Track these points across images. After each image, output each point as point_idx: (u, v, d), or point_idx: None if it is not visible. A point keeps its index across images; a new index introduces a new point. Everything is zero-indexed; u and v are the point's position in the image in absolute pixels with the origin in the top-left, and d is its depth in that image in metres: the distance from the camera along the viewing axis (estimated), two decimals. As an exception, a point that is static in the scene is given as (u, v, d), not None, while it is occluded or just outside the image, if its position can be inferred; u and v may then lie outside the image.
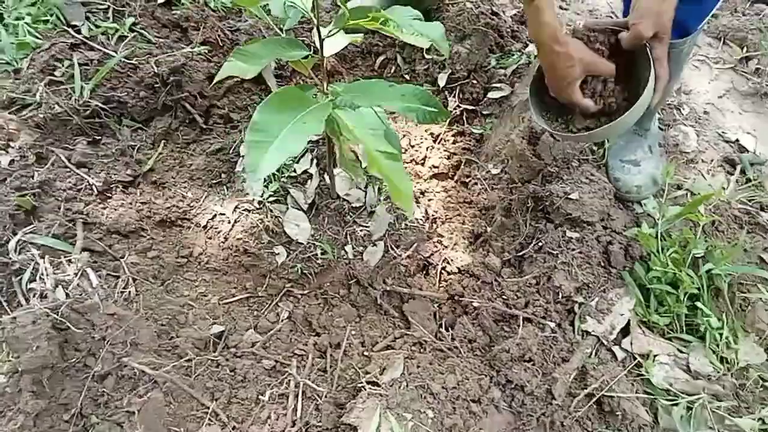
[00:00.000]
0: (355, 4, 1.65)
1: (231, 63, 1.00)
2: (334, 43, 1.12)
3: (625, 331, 1.18)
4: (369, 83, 1.03)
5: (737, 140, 1.55)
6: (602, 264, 1.25)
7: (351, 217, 1.36)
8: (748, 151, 1.51)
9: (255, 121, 0.82)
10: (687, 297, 1.20)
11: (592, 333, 1.17)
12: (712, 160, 1.49)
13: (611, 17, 1.88)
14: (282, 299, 1.27)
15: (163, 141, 1.47)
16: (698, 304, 1.18)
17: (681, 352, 1.16)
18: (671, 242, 1.26)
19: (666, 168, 1.34)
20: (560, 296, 1.20)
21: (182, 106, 1.49)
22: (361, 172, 1.25)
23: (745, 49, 1.79)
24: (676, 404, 1.08)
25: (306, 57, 1.04)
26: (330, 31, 1.02)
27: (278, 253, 1.29)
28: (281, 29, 1.58)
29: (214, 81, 1.05)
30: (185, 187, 1.40)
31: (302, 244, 1.31)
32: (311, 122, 0.85)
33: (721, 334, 1.16)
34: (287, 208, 1.35)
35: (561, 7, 1.89)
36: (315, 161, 1.41)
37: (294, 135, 0.82)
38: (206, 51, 1.55)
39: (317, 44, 1.03)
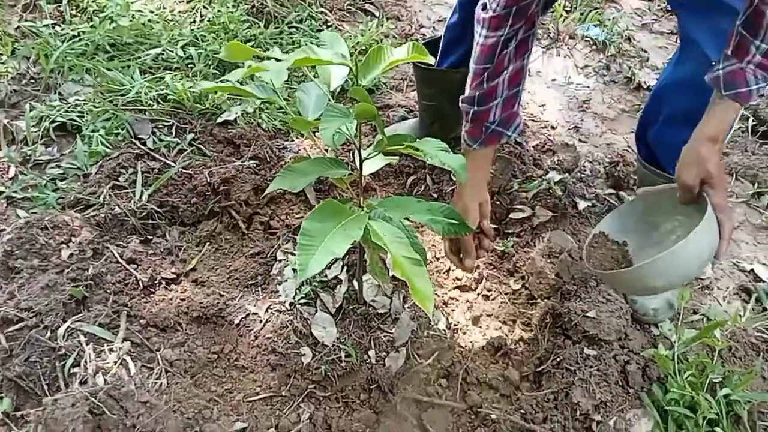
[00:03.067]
0: (390, 131, 1.84)
1: (281, 178, 1.14)
2: (372, 163, 1.26)
3: (644, 453, 1.17)
4: (400, 199, 1.16)
5: (752, 270, 1.60)
6: (620, 383, 1.26)
7: (376, 322, 1.42)
8: (763, 281, 1.56)
9: (305, 227, 0.95)
10: (706, 422, 1.20)
11: (611, 453, 1.16)
12: (727, 288, 1.54)
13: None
14: (304, 400, 1.31)
15: (207, 243, 1.60)
16: (717, 429, 1.18)
17: (702, 479, 1.14)
18: (688, 365, 1.28)
19: (681, 292, 1.39)
20: (578, 413, 1.21)
21: (228, 212, 1.63)
22: (388, 278, 1.34)
23: (756, 185, 1.89)
24: None
25: (348, 175, 1.18)
26: (369, 153, 1.16)
27: (304, 354, 1.35)
28: (326, 150, 1.75)
29: (266, 192, 1.18)
30: (223, 287, 1.50)
31: (327, 346, 1.36)
32: (351, 229, 0.96)
33: (743, 463, 1.15)
34: (316, 311, 1.43)
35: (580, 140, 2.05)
36: (345, 268, 1.51)
37: (337, 240, 0.94)
38: (254, 165, 1.72)
39: (357, 164, 1.17)
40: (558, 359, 1.31)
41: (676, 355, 1.30)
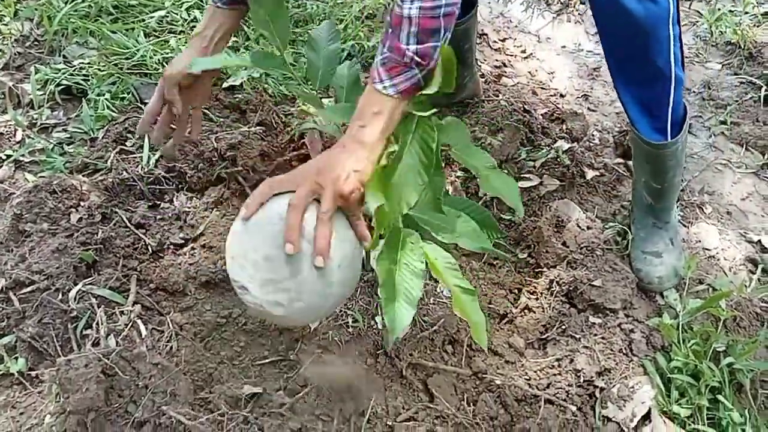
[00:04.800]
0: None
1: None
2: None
3: (646, 419, 1.19)
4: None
5: (759, 241, 1.60)
6: (624, 351, 1.28)
7: (383, 289, 1.43)
8: (769, 252, 1.56)
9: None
10: (708, 390, 1.21)
11: (613, 419, 1.18)
12: (734, 258, 1.54)
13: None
14: (312, 363, 1.33)
15: (214, 209, 1.60)
16: (720, 397, 1.20)
17: (703, 445, 1.16)
18: (692, 334, 1.29)
19: (688, 262, 1.40)
20: (582, 380, 1.23)
21: (235, 178, 1.63)
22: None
23: (766, 156, 1.87)
24: (697, 498, 1.08)
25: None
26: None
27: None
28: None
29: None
30: (231, 252, 1.51)
31: (335, 312, 1.38)
32: (412, 263, 0.94)
33: (743, 430, 1.17)
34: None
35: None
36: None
37: (411, 284, 0.93)
38: (261, 131, 1.71)
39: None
40: (563, 327, 1.33)
41: (680, 324, 1.31)
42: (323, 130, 1.64)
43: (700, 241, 1.55)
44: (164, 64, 1.84)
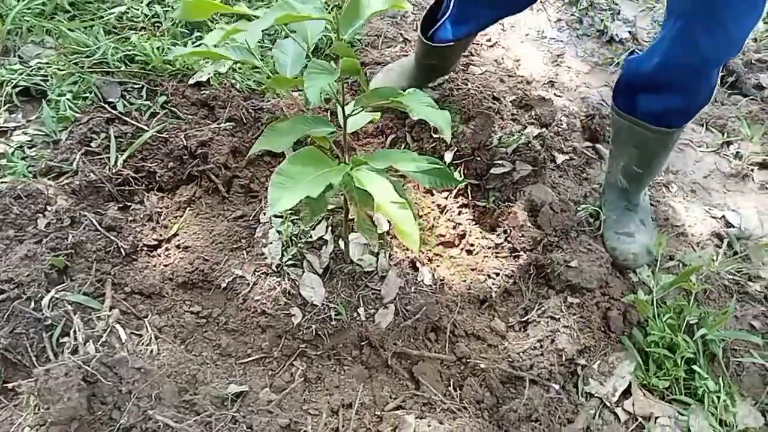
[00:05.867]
0: (373, 85, 1.81)
1: (265, 138, 1.12)
2: (356, 120, 1.24)
3: (627, 393, 1.23)
4: (384, 151, 1.15)
5: (723, 216, 1.66)
6: (602, 329, 1.32)
7: (363, 281, 1.44)
8: (734, 227, 1.62)
9: (282, 168, 0.96)
10: (684, 361, 1.26)
11: (595, 395, 1.22)
12: (701, 234, 1.59)
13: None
14: (296, 359, 1.32)
15: (187, 208, 1.57)
16: (695, 367, 1.25)
17: (681, 414, 1.20)
18: (666, 309, 1.33)
19: (658, 238, 1.44)
20: (563, 359, 1.26)
21: (207, 176, 1.60)
22: (376, 235, 1.34)
23: (725, 135, 1.94)
24: (679, 465, 1.12)
25: (331, 133, 1.16)
26: (354, 109, 1.14)
27: (294, 315, 1.36)
28: (306, 109, 1.72)
29: (249, 154, 1.16)
30: (207, 251, 1.48)
31: (317, 306, 1.37)
32: (330, 176, 0.98)
33: (718, 397, 1.21)
34: (303, 272, 1.43)
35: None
36: (330, 228, 1.51)
37: (313, 183, 0.95)
38: (231, 127, 1.69)
39: (341, 122, 1.16)
40: (542, 308, 1.35)
41: (654, 299, 1.35)
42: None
43: (668, 219, 1.60)
44: (126, 62, 1.79)
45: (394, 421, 1.18)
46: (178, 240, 1.50)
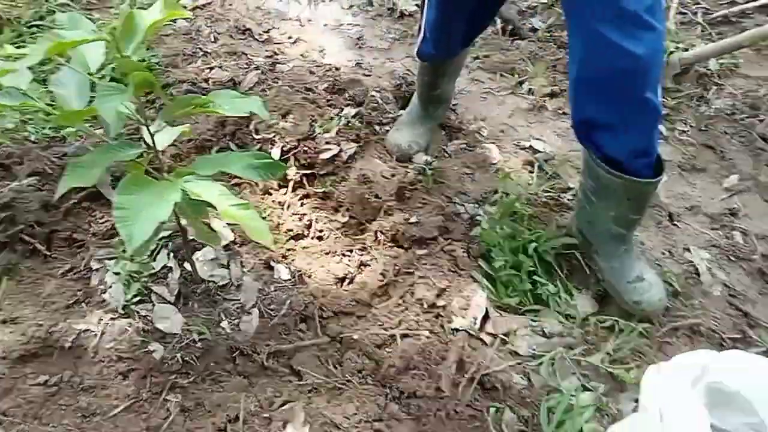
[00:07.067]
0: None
1: (69, 176, 1.04)
2: (165, 137, 1.20)
3: (486, 318, 1.34)
4: (207, 157, 1.13)
5: (530, 146, 1.86)
6: (452, 269, 1.41)
7: (221, 295, 1.40)
8: (540, 152, 1.82)
9: (119, 202, 0.92)
10: (527, 275, 1.39)
11: (460, 328, 1.30)
12: (516, 166, 1.77)
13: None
14: (169, 393, 1.26)
15: (5, 278, 1.42)
16: (536, 278, 1.39)
17: (534, 321, 1.33)
18: (504, 234, 1.46)
19: (501, 179, 1.57)
20: (425, 306, 1.33)
21: (20, 239, 1.46)
22: (219, 240, 1.32)
23: (517, 76, 2.17)
24: (542, 364, 1.24)
25: (141, 155, 1.12)
26: (159, 124, 1.11)
27: (155, 350, 1.29)
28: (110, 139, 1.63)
29: (55, 196, 1.08)
30: (40, 317, 1.35)
31: (177, 334, 1.32)
32: (168, 194, 0.95)
33: (560, 297, 1.36)
34: (154, 306, 1.36)
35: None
36: (172, 254, 1.45)
37: (156, 206, 0.92)
38: (36, 181, 1.55)
39: (149, 141, 1.12)
40: (397, 268, 1.42)
41: (494, 229, 1.47)
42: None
43: (485, 160, 1.76)
44: None
45: (283, 416, 1.17)
46: (2, 315, 1.35)
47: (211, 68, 2.07)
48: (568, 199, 1.63)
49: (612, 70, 1.11)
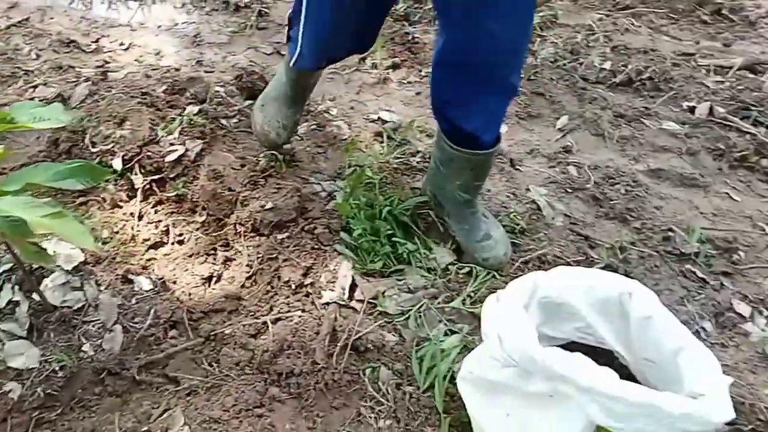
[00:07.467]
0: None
1: None
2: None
3: (354, 286, 1.38)
4: (13, 174, 1.06)
5: (379, 117, 1.92)
6: (315, 246, 1.44)
7: (78, 318, 1.33)
8: (388, 122, 1.89)
9: None
10: (387, 239, 1.45)
11: (331, 301, 1.34)
12: (366, 138, 1.82)
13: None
14: (35, 430, 1.18)
15: None
16: (395, 240, 1.45)
17: (400, 280, 1.40)
18: (360, 204, 1.51)
19: (346, 147, 1.61)
20: (293, 287, 1.35)
21: None
22: (51, 258, 1.25)
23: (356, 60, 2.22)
24: (409, 317, 1.31)
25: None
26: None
27: (11, 390, 1.20)
28: None
29: None
30: None
31: (34, 368, 1.23)
32: None
33: (420, 253, 1.44)
34: (3, 344, 1.27)
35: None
36: (17, 287, 1.35)
37: None
38: None
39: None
40: (260, 255, 1.42)
41: (349, 201, 1.52)
42: None
43: (335, 137, 1.80)
44: None
45: (163, 425, 1.14)
46: None
47: (35, 86, 1.93)
48: (417, 162, 1.71)
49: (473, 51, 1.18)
